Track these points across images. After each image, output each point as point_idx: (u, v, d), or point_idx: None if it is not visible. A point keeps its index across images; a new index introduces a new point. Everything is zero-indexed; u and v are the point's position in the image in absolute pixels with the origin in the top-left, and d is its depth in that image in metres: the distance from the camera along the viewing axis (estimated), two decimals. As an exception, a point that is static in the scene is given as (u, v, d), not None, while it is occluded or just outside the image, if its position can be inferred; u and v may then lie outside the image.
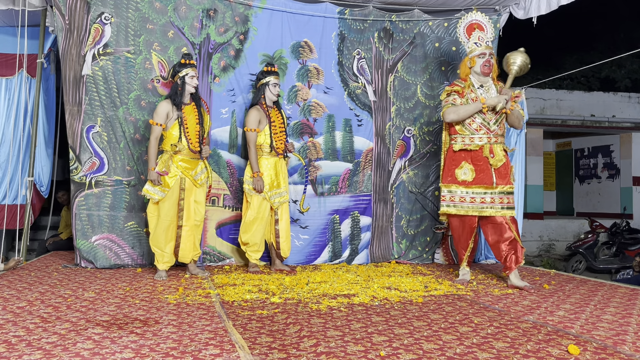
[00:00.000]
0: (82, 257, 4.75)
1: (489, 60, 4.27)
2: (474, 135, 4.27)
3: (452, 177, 4.32)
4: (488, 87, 4.33)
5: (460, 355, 2.41)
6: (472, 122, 4.27)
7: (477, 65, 4.30)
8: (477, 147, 4.25)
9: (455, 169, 4.30)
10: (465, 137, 4.30)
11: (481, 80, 4.33)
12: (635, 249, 8.72)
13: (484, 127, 4.26)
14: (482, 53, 4.29)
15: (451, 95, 4.36)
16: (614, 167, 12.71)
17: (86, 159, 4.80)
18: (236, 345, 2.50)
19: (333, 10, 5.44)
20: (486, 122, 4.26)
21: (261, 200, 4.67)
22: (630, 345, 2.60)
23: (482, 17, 4.47)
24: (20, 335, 2.62)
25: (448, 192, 4.34)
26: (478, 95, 4.28)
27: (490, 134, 4.26)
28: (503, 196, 4.20)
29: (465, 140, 4.30)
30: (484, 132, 4.26)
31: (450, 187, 4.34)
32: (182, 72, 4.37)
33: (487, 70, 4.28)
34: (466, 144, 4.29)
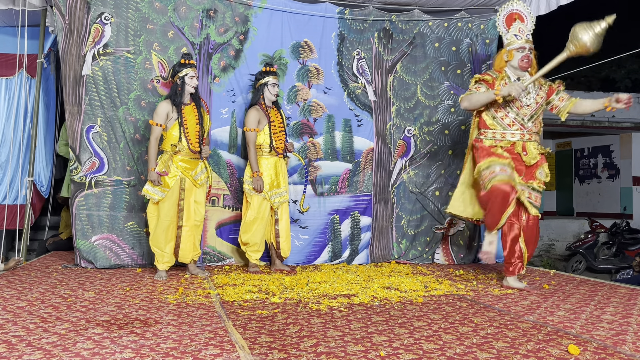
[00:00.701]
0: (82, 257, 4.75)
1: (528, 55, 4.04)
2: (506, 130, 4.04)
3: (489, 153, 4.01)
4: (525, 81, 4.02)
5: (460, 355, 2.41)
6: (505, 117, 4.03)
7: (515, 59, 4.06)
8: (508, 143, 4.03)
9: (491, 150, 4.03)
10: (496, 132, 4.06)
11: (518, 74, 4.09)
12: (635, 249, 8.72)
13: (517, 123, 4.02)
14: (521, 47, 4.05)
15: (477, 83, 4.15)
16: (614, 167, 12.72)
17: (86, 159, 4.80)
18: (236, 345, 2.51)
19: (333, 10, 5.44)
20: (520, 118, 4.02)
21: (261, 200, 4.67)
22: (630, 345, 2.60)
23: (524, 8, 4.21)
24: (20, 335, 2.62)
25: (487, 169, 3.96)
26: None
27: (524, 130, 4.02)
28: (530, 191, 4.04)
29: (496, 135, 4.06)
30: (517, 127, 4.02)
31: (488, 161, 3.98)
32: (181, 72, 4.37)
33: (526, 65, 4.04)
34: (497, 139, 4.05)
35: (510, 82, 4.01)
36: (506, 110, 4.03)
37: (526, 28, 4.14)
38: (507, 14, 4.24)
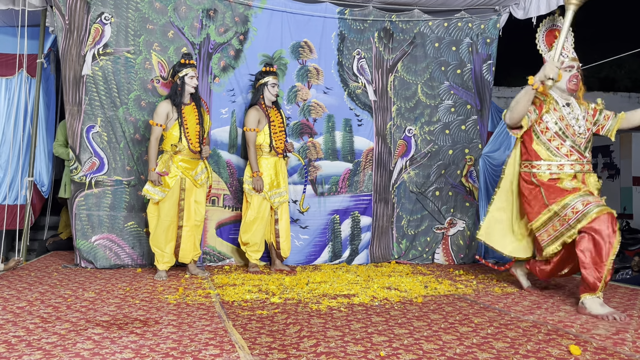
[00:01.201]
0: (82, 257, 4.75)
1: (577, 75, 3.63)
2: (564, 162, 3.56)
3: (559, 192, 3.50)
4: (573, 106, 3.65)
5: (460, 355, 2.41)
6: (561, 146, 3.57)
7: (563, 81, 3.62)
8: (569, 176, 3.55)
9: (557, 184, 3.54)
10: (552, 165, 3.58)
11: (564, 97, 3.66)
12: (635, 249, 8.72)
13: (575, 152, 3.57)
14: (570, 66, 3.64)
15: None
16: (613, 167, 12.71)
17: (86, 159, 4.80)
18: (236, 345, 2.51)
19: (333, 10, 5.44)
20: (577, 146, 3.58)
21: (261, 200, 4.67)
22: (630, 345, 2.60)
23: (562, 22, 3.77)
24: (20, 335, 2.62)
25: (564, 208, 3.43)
26: (564, 115, 3.60)
27: (583, 160, 3.60)
28: None
29: (552, 168, 3.58)
30: (576, 157, 3.57)
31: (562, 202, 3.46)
32: (181, 72, 4.37)
33: (575, 87, 3.63)
34: (553, 172, 3.57)
35: (559, 108, 3.62)
36: (562, 138, 3.58)
37: (569, 45, 3.73)
38: (547, 30, 3.87)
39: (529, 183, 3.70)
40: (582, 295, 3.30)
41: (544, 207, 3.56)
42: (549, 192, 3.54)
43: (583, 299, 3.29)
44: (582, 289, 3.32)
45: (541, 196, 3.58)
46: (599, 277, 3.22)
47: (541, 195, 3.58)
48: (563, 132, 3.59)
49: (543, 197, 3.56)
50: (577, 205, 3.37)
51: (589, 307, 3.24)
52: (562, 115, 3.60)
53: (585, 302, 3.27)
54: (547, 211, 3.54)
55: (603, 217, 3.24)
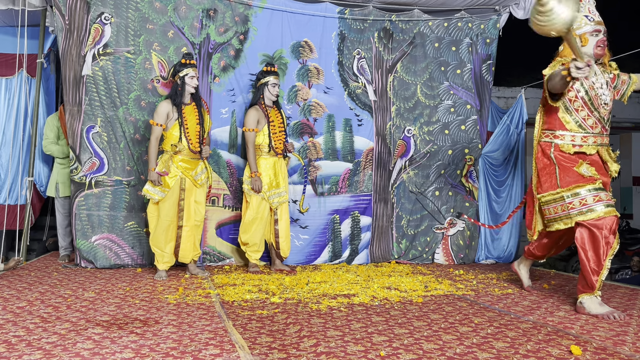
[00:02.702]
0: (82, 257, 4.75)
1: (604, 39, 3.39)
2: (588, 134, 3.39)
3: (575, 176, 3.35)
4: (599, 75, 3.45)
5: (460, 355, 2.41)
6: (588, 117, 3.39)
7: (590, 45, 3.38)
8: (595, 149, 3.41)
9: (575, 167, 3.37)
10: (576, 137, 3.41)
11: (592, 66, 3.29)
12: (635, 249, 8.72)
13: (599, 125, 3.40)
14: (596, 30, 3.38)
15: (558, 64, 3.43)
16: (614, 167, 12.70)
17: (86, 159, 4.80)
18: (236, 345, 2.51)
19: (333, 10, 5.44)
20: (602, 118, 3.41)
21: (260, 200, 4.67)
22: (630, 345, 2.60)
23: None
24: (20, 335, 2.62)
25: (574, 197, 3.32)
26: (594, 84, 3.40)
27: (605, 134, 3.44)
28: None
29: (575, 140, 3.41)
30: (599, 130, 3.40)
31: (574, 190, 3.32)
32: (182, 72, 4.37)
33: (602, 51, 3.40)
34: (577, 144, 3.40)
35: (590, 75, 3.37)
36: (589, 109, 3.39)
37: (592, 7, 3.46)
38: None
39: (546, 157, 3.52)
40: (580, 296, 3.29)
41: (554, 187, 3.44)
42: (563, 174, 3.40)
43: (581, 299, 3.27)
44: (580, 289, 3.31)
45: (555, 176, 3.43)
46: (597, 272, 3.20)
47: (555, 175, 3.44)
48: (592, 103, 3.39)
49: (557, 178, 3.42)
50: (587, 198, 3.27)
51: (588, 307, 3.23)
52: (592, 84, 3.39)
53: (584, 302, 3.25)
54: (556, 193, 3.42)
55: (609, 218, 3.20)
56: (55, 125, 5.16)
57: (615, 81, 3.56)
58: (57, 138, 5.16)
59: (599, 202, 3.24)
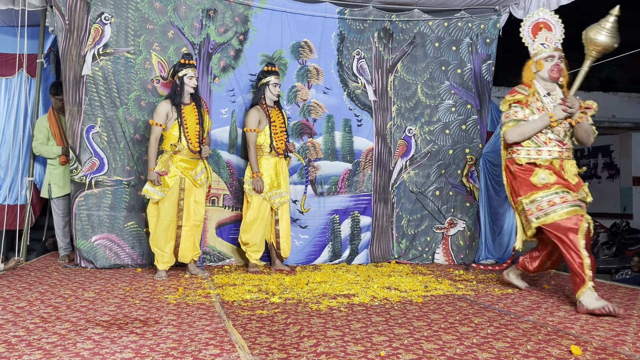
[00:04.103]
0: (82, 257, 4.75)
1: (558, 64, 3.72)
2: (542, 148, 3.67)
3: (530, 186, 3.62)
4: (556, 95, 3.75)
5: (460, 355, 2.41)
6: (540, 134, 3.67)
7: (544, 70, 3.73)
8: (546, 161, 3.64)
9: (530, 177, 3.63)
10: (531, 150, 3.69)
11: (548, 87, 3.76)
12: (635, 249, 8.72)
13: (554, 140, 3.66)
14: (550, 55, 3.73)
15: (512, 108, 3.77)
16: (613, 167, 12.72)
17: (86, 159, 4.80)
18: (236, 345, 2.51)
19: (333, 10, 5.44)
20: (556, 134, 3.67)
21: (261, 201, 4.67)
22: (630, 345, 2.60)
23: (551, 16, 3.94)
24: (20, 335, 2.62)
25: (531, 203, 3.59)
26: (545, 104, 3.72)
27: (563, 147, 3.67)
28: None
29: (531, 153, 3.69)
30: (554, 144, 3.66)
31: (531, 197, 3.60)
32: (181, 72, 4.37)
33: (556, 75, 3.72)
34: (532, 157, 3.68)
35: (540, 98, 3.74)
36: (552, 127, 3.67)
37: (554, 37, 3.84)
38: (532, 23, 3.95)
39: (510, 172, 3.82)
40: (577, 294, 3.35)
41: (517, 197, 3.75)
42: (522, 184, 3.69)
43: (579, 298, 3.33)
44: (575, 288, 3.39)
45: (517, 187, 3.74)
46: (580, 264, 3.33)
47: (517, 186, 3.74)
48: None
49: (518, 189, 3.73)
50: (542, 204, 3.53)
51: (586, 304, 3.28)
52: (543, 105, 3.73)
53: (582, 300, 3.30)
54: (520, 203, 3.71)
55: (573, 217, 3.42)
56: (45, 127, 5.14)
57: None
58: (46, 139, 5.15)
59: (553, 205, 3.48)
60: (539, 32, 3.86)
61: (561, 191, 3.51)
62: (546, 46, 3.79)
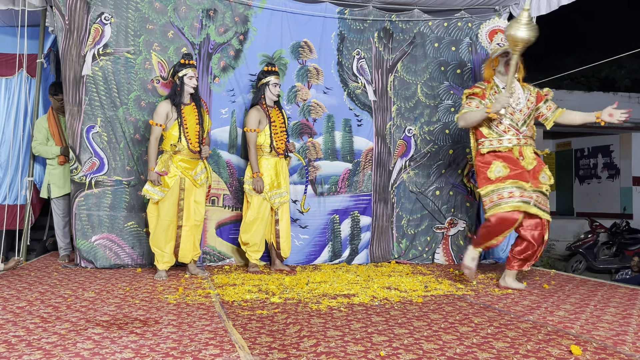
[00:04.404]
0: (82, 257, 4.75)
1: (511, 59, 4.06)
2: (502, 137, 4.09)
3: (486, 179, 4.06)
4: (514, 87, 4.12)
5: (460, 355, 2.41)
6: (500, 124, 4.10)
7: (500, 65, 4.17)
8: (506, 149, 4.06)
9: (487, 171, 4.05)
10: (493, 140, 4.12)
11: (505, 81, 4.14)
12: (635, 249, 8.72)
13: (512, 129, 4.07)
14: (505, 52, 4.14)
15: (468, 99, 4.23)
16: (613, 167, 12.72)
17: (86, 159, 4.80)
18: (236, 345, 2.51)
19: (333, 10, 5.44)
20: (515, 123, 4.08)
21: (261, 201, 4.67)
22: (630, 345, 2.60)
23: (505, 24, 4.37)
24: (20, 335, 2.62)
25: (485, 195, 4.05)
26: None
27: (520, 135, 4.07)
28: (539, 195, 3.98)
29: (493, 142, 4.12)
30: (513, 133, 4.07)
31: (485, 189, 4.05)
32: (181, 72, 4.37)
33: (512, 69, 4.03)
34: (494, 146, 4.10)
35: (499, 90, 4.13)
36: (499, 118, 4.09)
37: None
38: (489, 30, 4.43)
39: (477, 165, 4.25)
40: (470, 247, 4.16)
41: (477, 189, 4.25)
42: (479, 177, 4.17)
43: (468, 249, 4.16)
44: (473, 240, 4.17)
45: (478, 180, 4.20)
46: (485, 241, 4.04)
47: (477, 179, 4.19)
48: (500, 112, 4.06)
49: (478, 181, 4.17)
50: (493, 196, 4.00)
51: (466, 254, 4.15)
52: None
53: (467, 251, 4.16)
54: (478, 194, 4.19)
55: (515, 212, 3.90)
56: (44, 127, 5.14)
57: (541, 102, 4.24)
58: (45, 140, 5.15)
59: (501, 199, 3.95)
60: (495, 36, 4.34)
61: (510, 187, 3.93)
62: (501, 45, 4.22)
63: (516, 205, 3.88)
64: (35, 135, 5.15)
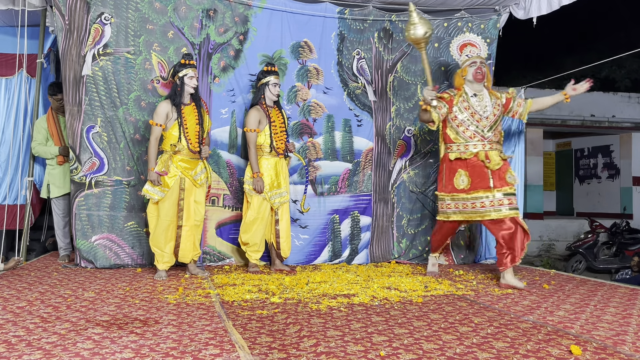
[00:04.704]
0: (82, 257, 4.75)
1: (480, 67, 4.41)
2: (469, 142, 4.37)
3: (452, 186, 4.40)
4: (482, 95, 4.43)
5: (460, 355, 2.41)
6: (466, 130, 4.38)
7: (469, 74, 4.44)
8: (471, 154, 4.34)
9: (454, 178, 4.39)
10: (460, 145, 4.40)
11: (475, 88, 4.44)
12: (635, 249, 8.72)
13: (477, 135, 4.37)
14: (473, 62, 4.45)
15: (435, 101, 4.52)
16: (613, 167, 12.72)
17: (86, 159, 4.80)
18: (236, 345, 2.51)
19: (333, 10, 5.44)
20: (480, 130, 4.37)
21: (261, 201, 4.67)
22: (630, 345, 2.60)
23: (475, 37, 4.68)
24: (20, 335, 2.62)
25: (440, 200, 4.53)
26: (471, 104, 4.39)
27: (485, 140, 4.36)
28: (503, 197, 4.22)
29: (460, 148, 4.40)
30: (478, 139, 4.36)
31: (440, 195, 4.52)
32: (181, 72, 4.37)
33: (479, 76, 4.41)
34: (461, 151, 4.39)
35: (467, 98, 4.42)
36: (466, 124, 4.38)
37: (479, 52, 4.56)
38: (460, 44, 4.71)
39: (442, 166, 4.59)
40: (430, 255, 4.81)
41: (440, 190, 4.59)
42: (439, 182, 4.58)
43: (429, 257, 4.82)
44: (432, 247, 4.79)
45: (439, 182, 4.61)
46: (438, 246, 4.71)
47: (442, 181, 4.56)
48: (467, 119, 4.39)
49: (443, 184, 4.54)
50: (443, 205, 4.48)
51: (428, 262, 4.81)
52: (468, 104, 4.40)
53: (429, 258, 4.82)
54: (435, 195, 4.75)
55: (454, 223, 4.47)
56: (43, 127, 5.15)
57: (511, 104, 4.56)
58: (45, 140, 5.15)
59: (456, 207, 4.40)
60: (464, 49, 4.64)
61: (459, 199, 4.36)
62: (469, 55, 4.54)
63: (458, 219, 4.40)
64: (34, 136, 5.16)
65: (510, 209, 4.19)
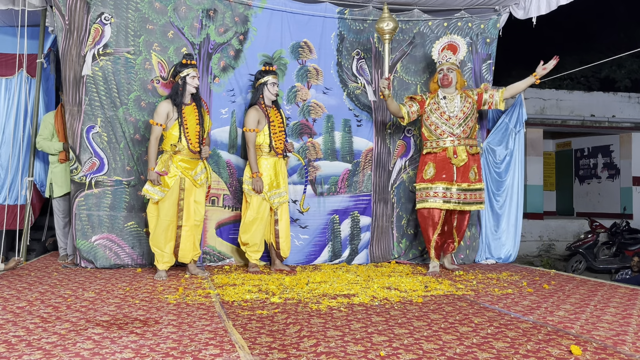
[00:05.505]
0: (82, 257, 4.75)
1: (446, 74, 4.83)
2: (439, 139, 4.82)
3: (420, 177, 4.90)
4: (452, 96, 4.86)
5: (460, 355, 2.41)
6: (437, 128, 4.83)
7: (438, 80, 4.90)
8: (441, 149, 4.80)
9: (424, 169, 4.88)
10: (432, 142, 4.87)
11: (445, 92, 4.89)
12: (635, 249, 8.72)
13: (447, 132, 4.80)
14: (440, 69, 4.91)
15: (408, 101, 4.99)
16: (613, 167, 12.72)
17: (86, 159, 4.80)
18: (236, 345, 2.51)
19: (333, 10, 5.44)
20: (449, 127, 4.80)
21: (261, 201, 4.67)
22: (630, 345, 2.60)
23: (457, 39, 4.99)
24: (20, 335, 2.62)
25: (418, 191, 4.92)
26: (441, 106, 4.84)
27: (454, 137, 4.78)
28: (460, 192, 4.75)
29: (432, 144, 4.86)
30: (447, 135, 4.79)
31: (420, 185, 4.89)
32: (183, 72, 4.37)
33: (445, 82, 4.84)
34: (433, 147, 4.85)
35: (438, 100, 4.87)
36: (436, 124, 4.83)
37: (453, 55, 4.91)
38: (443, 45, 4.99)
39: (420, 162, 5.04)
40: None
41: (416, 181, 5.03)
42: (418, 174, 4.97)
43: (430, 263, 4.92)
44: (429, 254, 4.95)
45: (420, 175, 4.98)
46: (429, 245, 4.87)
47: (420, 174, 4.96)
48: (437, 119, 4.83)
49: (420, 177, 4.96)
50: (422, 193, 4.85)
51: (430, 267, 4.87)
52: (438, 106, 4.85)
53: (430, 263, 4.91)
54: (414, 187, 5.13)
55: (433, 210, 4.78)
56: (50, 123, 5.14)
57: (484, 97, 4.95)
58: (51, 135, 5.15)
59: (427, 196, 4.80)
60: (442, 52, 4.97)
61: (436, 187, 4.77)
62: (439, 62, 4.97)
63: (438, 204, 4.74)
64: (40, 131, 5.16)
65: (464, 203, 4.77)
